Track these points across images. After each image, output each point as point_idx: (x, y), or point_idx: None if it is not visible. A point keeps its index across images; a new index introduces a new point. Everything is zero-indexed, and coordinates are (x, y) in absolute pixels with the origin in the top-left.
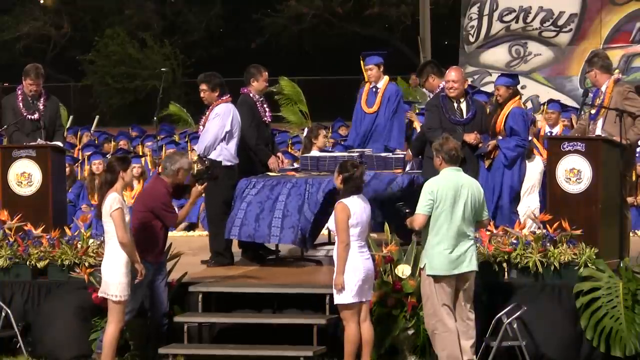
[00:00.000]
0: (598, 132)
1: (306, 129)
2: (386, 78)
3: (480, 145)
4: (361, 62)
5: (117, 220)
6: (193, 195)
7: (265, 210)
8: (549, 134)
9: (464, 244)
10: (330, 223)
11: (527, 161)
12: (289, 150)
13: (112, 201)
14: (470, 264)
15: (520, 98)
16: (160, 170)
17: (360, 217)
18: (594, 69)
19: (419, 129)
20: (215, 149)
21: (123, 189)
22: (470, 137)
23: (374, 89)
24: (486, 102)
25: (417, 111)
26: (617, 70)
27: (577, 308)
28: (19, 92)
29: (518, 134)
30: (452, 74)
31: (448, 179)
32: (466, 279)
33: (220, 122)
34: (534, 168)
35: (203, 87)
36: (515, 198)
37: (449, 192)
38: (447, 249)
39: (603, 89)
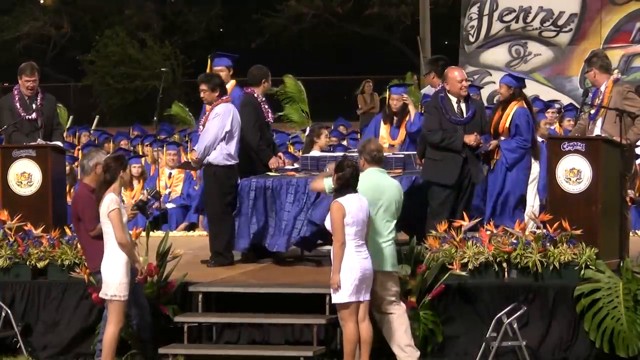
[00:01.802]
0: (597, 132)
1: (308, 129)
2: (232, 82)
3: (481, 145)
4: (209, 62)
5: (114, 221)
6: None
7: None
8: None
9: (381, 244)
10: (327, 222)
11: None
12: (289, 150)
13: (110, 202)
14: (386, 264)
15: (522, 99)
16: (80, 176)
17: (357, 216)
18: (593, 68)
19: (412, 113)
20: (215, 148)
21: (121, 189)
22: (470, 139)
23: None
24: (476, 94)
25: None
26: (616, 70)
27: (579, 310)
28: (16, 93)
29: (521, 133)
30: (455, 73)
31: (369, 179)
32: (385, 278)
33: (220, 122)
34: (534, 168)
35: (203, 87)
36: (521, 200)
37: (367, 192)
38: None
39: (602, 88)
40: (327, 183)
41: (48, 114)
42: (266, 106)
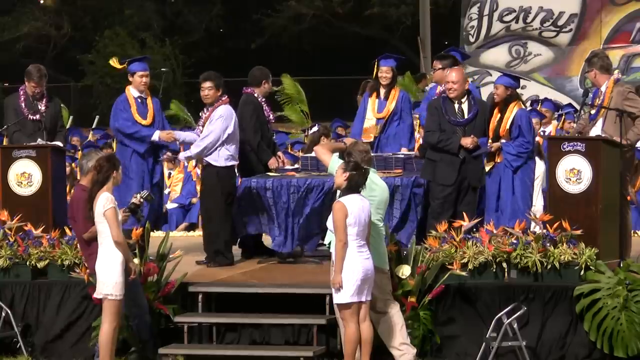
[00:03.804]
0: (597, 132)
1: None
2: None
3: (476, 141)
4: (125, 66)
5: (111, 219)
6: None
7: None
8: (541, 133)
9: (373, 243)
10: (329, 222)
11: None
12: (289, 150)
13: (105, 201)
14: (381, 262)
15: (519, 100)
16: (79, 176)
17: (358, 216)
18: (594, 69)
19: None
20: (215, 150)
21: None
22: (467, 141)
23: (139, 99)
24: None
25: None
26: (616, 71)
27: (579, 310)
28: (21, 93)
29: (523, 135)
30: (452, 74)
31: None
32: (380, 276)
33: (224, 123)
34: (539, 168)
35: (208, 84)
36: (525, 203)
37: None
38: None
39: (602, 89)
40: (333, 162)
41: (52, 116)
42: (266, 106)
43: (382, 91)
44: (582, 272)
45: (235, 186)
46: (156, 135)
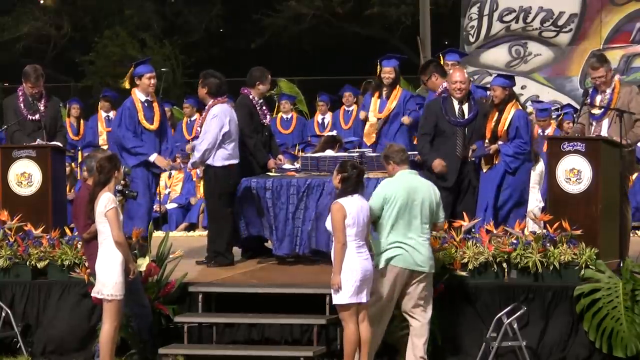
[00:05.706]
0: (604, 133)
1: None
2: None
3: (474, 148)
4: (131, 70)
5: (112, 220)
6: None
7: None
8: (540, 133)
9: (418, 245)
10: (327, 223)
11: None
12: (289, 150)
13: (107, 201)
14: (424, 265)
15: (517, 100)
16: (85, 175)
17: (357, 217)
18: (612, 68)
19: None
20: (217, 149)
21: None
22: (436, 166)
23: (146, 103)
24: (485, 97)
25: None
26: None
27: (579, 310)
28: (20, 93)
29: (521, 137)
30: (457, 74)
31: (401, 180)
32: (420, 279)
33: (219, 122)
34: (538, 168)
35: (199, 86)
36: (521, 203)
37: (401, 193)
38: (401, 248)
39: (608, 90)
40: None
41: (52, 116)
42: (263, 107)
43: (385, 91)
44: (582, 272)
45: (235, 186)
46: (153, 157)
